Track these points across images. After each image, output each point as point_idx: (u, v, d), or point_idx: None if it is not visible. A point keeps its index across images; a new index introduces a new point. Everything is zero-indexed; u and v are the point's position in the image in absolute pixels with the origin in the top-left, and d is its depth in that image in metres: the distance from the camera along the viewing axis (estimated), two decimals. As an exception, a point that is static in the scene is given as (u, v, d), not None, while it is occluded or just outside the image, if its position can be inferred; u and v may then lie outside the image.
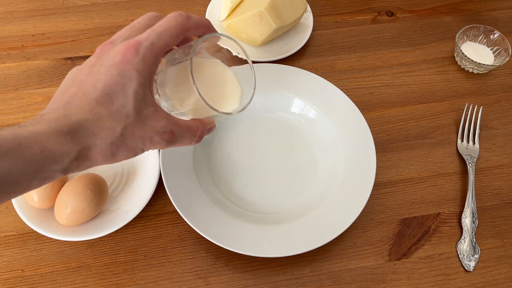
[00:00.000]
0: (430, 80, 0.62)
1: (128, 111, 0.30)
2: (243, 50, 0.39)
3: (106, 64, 0.30)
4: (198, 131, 0.35)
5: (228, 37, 0.38)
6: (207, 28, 0.35)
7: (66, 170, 0.28)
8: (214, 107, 0.34)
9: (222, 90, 0.40)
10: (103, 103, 0.29)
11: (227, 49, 0.39)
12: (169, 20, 0.33)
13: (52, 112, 0.29)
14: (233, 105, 0.39)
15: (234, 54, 0.40)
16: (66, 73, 0.60)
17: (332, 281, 0.46)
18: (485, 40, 0.64)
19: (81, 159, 0.29)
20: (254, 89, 0.39)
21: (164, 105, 0.37)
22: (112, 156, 0.30)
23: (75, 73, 0.32)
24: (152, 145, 0.32)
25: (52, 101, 0.31)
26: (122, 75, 0.29)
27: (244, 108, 0.38)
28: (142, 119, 0.30)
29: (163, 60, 0.36)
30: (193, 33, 0.35)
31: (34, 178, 0.27)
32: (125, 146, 0.30)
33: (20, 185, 0.27)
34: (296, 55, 0.62)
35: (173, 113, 0.36)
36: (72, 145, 0.28)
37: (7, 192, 0.26)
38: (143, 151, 0.32)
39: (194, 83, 0.33)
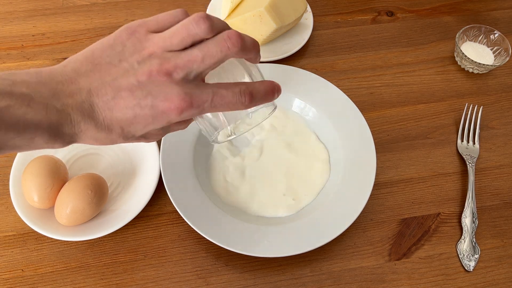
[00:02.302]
0: (430, 80, 0.62)
1: (137, 134, 0.31)
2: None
3: (150, 100, 0.29)
4: (182, 129, 0.37)
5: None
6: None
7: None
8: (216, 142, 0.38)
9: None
10: (121, 125, 0.30)
11: None
12: (232, 100, 0.31)
13: (78, 105, 0.29)
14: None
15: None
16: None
17: (332, 281, 0.46)
18: (485, 40, 0.64)
19: (71, 144, 0.31)
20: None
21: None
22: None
23: (123, 63, 0.30)
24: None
25: (87, 72, 0.30)
26: (154, 119, 0.30)
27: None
28: (143, 135, 0.32)
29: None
30: None
31: (27, 150, 0.29)
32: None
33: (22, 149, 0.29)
34: (296, 55, 0.62)
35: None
36: (74, 141, 0.30)
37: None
38: None
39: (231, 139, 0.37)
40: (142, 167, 0.50)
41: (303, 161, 0.52)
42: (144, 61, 0.30)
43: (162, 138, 0.50)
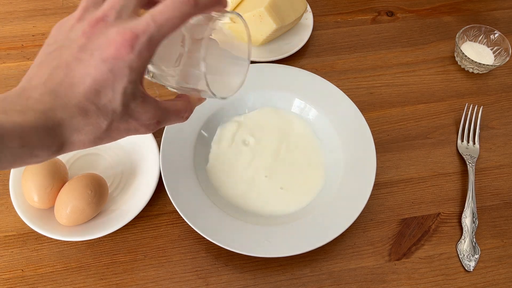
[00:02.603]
0: (430, 80, 0.62)
1: (115, 106, 0.29)
2: (249, 36, 0.37)
3: (97, 55, 0.28)
4: (186, 112, 0.35)
5: (242, 19, 0.35)
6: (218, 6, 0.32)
7: (44, 160, 0.28)
8: (214, 92, 0.32)
9: (221, 75, 0.38)
10: (90, 99, 0.28)
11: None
12: (174, 8, 0.29)
13: (38, 100, 0.27)
14: (228, 89, 0.37)
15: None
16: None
17: (332, 281, 0.46)
18: (485, 40, 0.64)
19: (61, 150, 0.29)
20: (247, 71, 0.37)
21: (151, 69, 0.34)
22: (94, 145, 0.30)
23: (60, 44, 0.29)
24: (137, 134, 0.32)
25: (36, 72, 0.29)
26: (113, 72, 0.28)
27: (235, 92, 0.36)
28: (129, 113, 0.30)
29: None
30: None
31: (11, 166, 0.27)
32: (109, 138, 0.30)
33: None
34: (296, 55, 0.62)
35: (157, 76, 0.34)
36: (54, 140, 0.28)
37: None
38: (125, 137, 0.32)
39: (205, 71, 0.31)
40: (142, 167, 0.50)
41: (303, 160, 0.52)
42: (76, 28, 0.29)
43: (162, 138, 0.50)
